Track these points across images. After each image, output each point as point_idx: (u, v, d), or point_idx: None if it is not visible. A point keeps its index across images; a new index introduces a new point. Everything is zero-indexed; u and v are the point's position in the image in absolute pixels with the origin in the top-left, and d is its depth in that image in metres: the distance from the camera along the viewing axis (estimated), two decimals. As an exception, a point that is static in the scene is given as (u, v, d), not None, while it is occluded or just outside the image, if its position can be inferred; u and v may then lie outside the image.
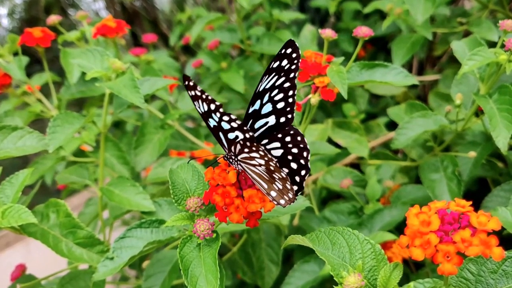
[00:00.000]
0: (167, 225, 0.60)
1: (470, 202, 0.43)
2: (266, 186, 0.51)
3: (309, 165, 0.54)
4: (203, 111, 0.52)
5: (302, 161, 0.54)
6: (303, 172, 0.54)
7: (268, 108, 0.56)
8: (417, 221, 0.42)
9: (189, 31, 1.46)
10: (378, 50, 1.64)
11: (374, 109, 1.53)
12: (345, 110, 1.32)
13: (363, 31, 0.73)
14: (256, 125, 0.56)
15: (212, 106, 0.50)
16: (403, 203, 0.95)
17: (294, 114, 0.56)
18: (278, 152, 0.55)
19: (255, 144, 0.51)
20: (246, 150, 0.52)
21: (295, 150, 0.54)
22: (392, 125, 1.20)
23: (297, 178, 0.54)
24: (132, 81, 0.74)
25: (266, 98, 0.55)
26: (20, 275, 0.93)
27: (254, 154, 0.51)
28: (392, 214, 0.91)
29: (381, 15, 1.57)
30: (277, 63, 0.54)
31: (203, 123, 1.64)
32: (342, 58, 0.78)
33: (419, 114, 0.90)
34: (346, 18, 1.59)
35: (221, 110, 0.50)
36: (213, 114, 0.51)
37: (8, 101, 1.18)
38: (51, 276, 0.87)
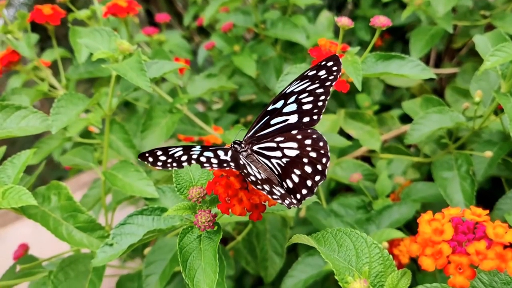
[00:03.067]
0: (169, 214, 0.58)
1: (487, 211, 0.40)
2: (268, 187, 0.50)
3: (326, 172, 0.53)
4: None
5: (319, 167, 0.53)
6: (317, 178, 0.53)
7: (291, 107, 0.57)
8: (429, 228, 0.39)
9: (204, 12, 1.43)
10: (396, 39, 1.60)
11: (388, 100, 1.50)
12: (358, 100, 1.29)
13: (381, 21, 0.70)
14: (273, 121, 0.57)
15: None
16: (413, 200, 0.93)
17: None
18: (293, 153, 0.55)
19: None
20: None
21: (313, 154, 0.54)
22: (406, 118, 1.17)
23: (309, 182, 0.53)
24: (139, 63, 0.72)
25: (292, 99, 0.56)
26: (23, 254, 0.92)
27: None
28: (401, 211, 0.88)
29: (400, 3, 1.52)
30: (314, 72, 0.55)
31: (213, 107, 1.62)
32: (357, 48, 0.76)
33: (435, 109, 0.87)
34: (364, 6, 1.54)
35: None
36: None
37: (18, 75, 1.17)
38: (53, 258, 0.87)
